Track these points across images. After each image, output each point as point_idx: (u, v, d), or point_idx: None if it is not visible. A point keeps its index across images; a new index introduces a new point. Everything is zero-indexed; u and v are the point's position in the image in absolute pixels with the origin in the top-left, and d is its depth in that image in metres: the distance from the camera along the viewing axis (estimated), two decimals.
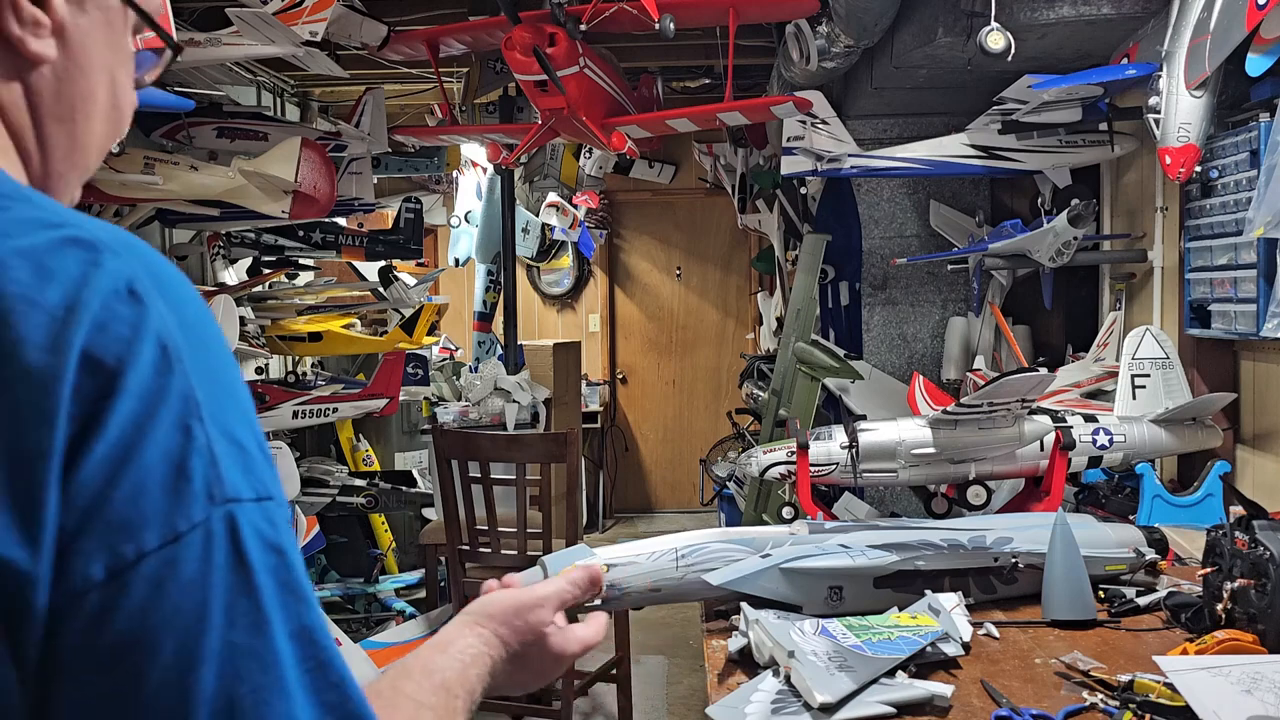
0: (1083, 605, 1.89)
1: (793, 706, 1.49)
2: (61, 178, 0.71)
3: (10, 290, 0.53)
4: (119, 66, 0.75)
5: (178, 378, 0.56)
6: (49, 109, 0.69)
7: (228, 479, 0.57)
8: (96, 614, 0.52)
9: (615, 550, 1.83)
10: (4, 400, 0.51)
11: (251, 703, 0.54)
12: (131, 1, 0.74)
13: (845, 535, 1.95)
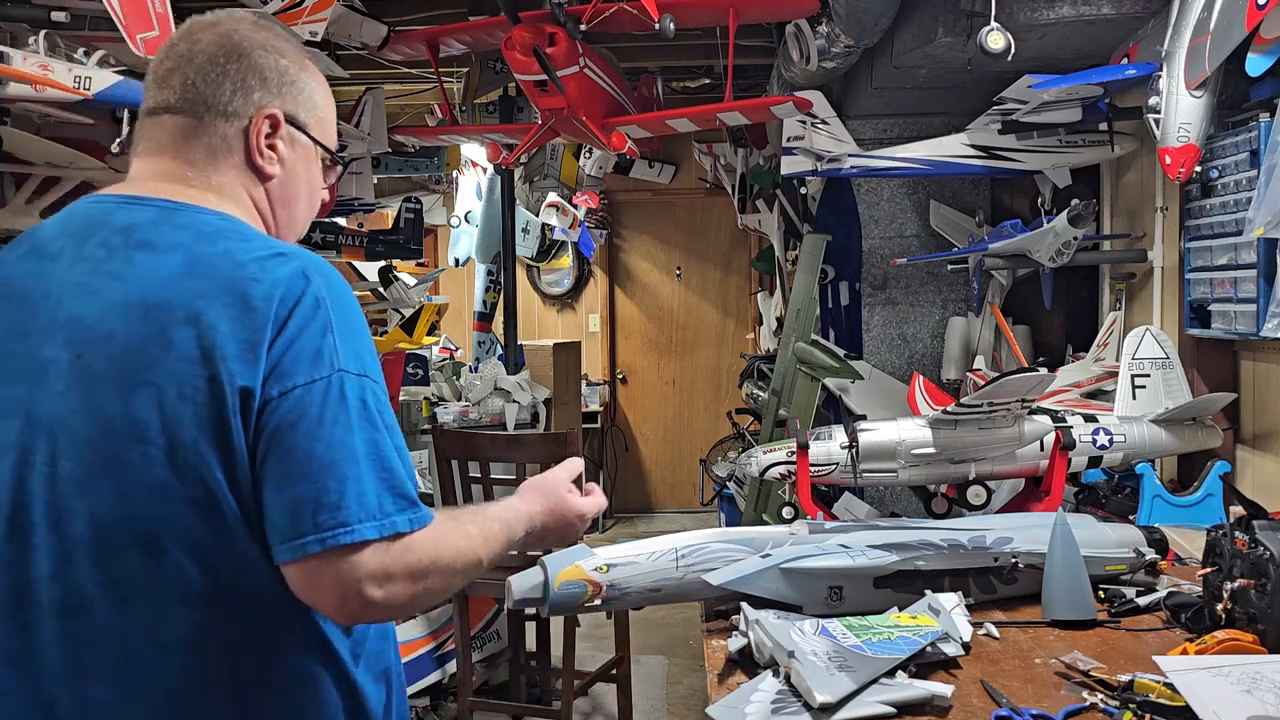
0: (1083, 605, 1.89)
1: (793, 706, 1.49)
2: (283, 236, 1.35)
3: (250, 271, 1.14)
4: (313, 176, 1.38)
5: (322, 312, 1.15)
6: (276, 200, 1.33)
7: (342, 360, 1.14)
8: (275, 409, 1.10)
9: (615, 550, 1.83)
10: (248, 320, 1.11)
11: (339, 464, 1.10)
12: (319, 143, 1.38)
13: (845, 535, 1.95)
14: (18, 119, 3.02)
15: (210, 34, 1.27)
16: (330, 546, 1.06)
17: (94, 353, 1.11)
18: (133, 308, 1.11)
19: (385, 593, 1.09)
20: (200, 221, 1.19)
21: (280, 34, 1.34)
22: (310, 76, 1.36)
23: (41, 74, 2.42)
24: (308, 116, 1.34)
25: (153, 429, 1.08)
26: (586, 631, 4.66)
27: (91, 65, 2.47)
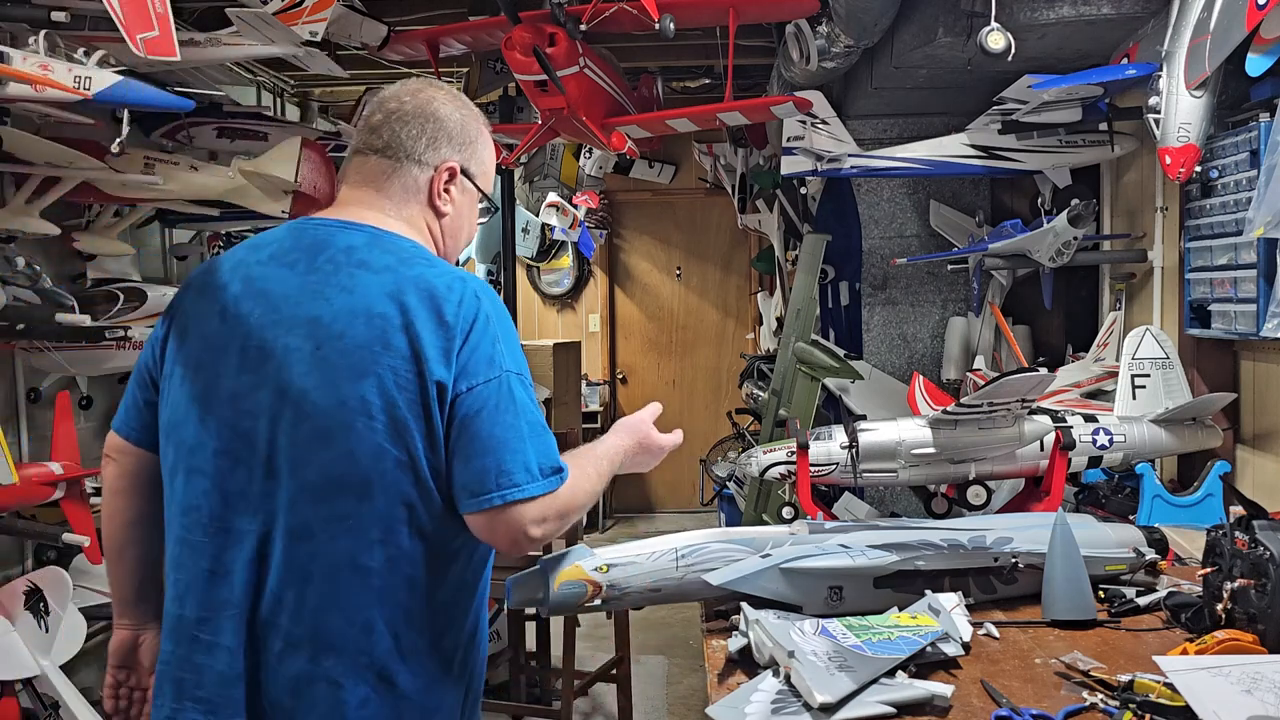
0: (1083, 605, 1.89)
1: (793, 706, 1.49)
2: (447, 258, 1.69)
3: (441, 293, 1.50)
4: (473, 215, 1.76)
5: (492, 326, 1.51)
6: (447, 232, 1.70)
7: (507, 363, 1.51)
8: (464, 400, 1.47)
9: (615, 550, 1.83)
10: (441, 331, 1.48)
11: (511, 442, 1.47)
12: (481, 191, 1.75)
13: (845, 535, 1.95)
14: (18, 119, 3.02)
15: (416, 99, 1.68)
16: (509, 501, 1.47)
17: (330, 347, 1.49)
18: (358, 315, 1.49)
19: (543, 530, 1.50)
20: (400, 247, 1.58)
21: (466, 105, 1.76)
22: (484, 140, 1.75)
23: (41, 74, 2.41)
24: (476, 170, 1.73)
25: (375, 407, 1.46)
26: (586, 631, 4.66)
27: (91, 65, 2.47)
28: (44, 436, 3.49)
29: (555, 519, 1.51)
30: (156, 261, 4.47)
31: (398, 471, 1.47)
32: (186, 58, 2.92)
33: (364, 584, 1.48)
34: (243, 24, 2.97)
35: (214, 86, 3.73)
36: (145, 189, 3.28)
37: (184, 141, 3.70)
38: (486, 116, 1.84)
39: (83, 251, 3.63)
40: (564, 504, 1.52)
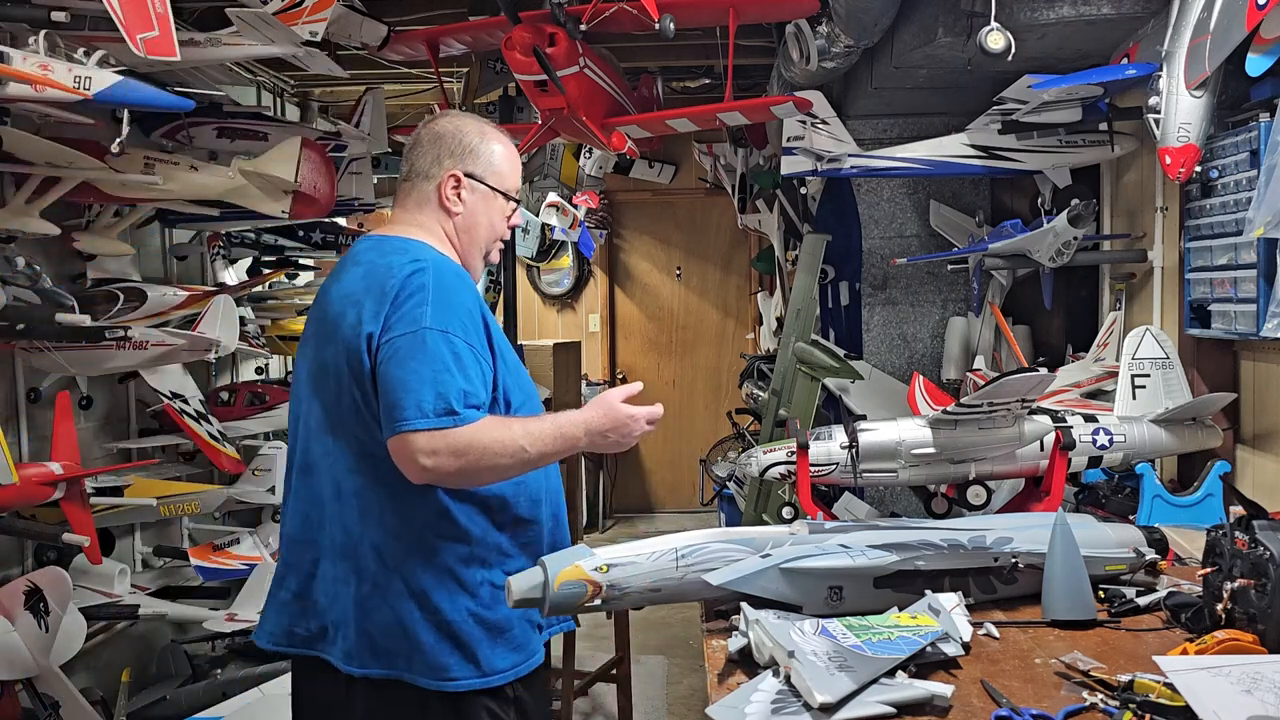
0: (1083, 605, 1.89)
1: (793, 706, 1.49)
2: (469, 257, 2.08)
3: (393, 272, 1.88)
4: (492, 210, 2.09)
5: (426, 293, 1.84)
6: (460, 229, 2.06)
7: (429, 321, 1.81)
8: (382, 349, 1.82)
9: (615, 550, 1.83)
10: (378, 299, 1.85)
11: (409, 383, 1.77)
12: (493, 188, 2.08)
13: (845, 535, 1.95)
14: (18, 119, 3.02)
15: (426, 129, 2.09)
16: (398, 431, 1.76)
17: (326, 323, 1.93)
18: (341, 297, 1.92)
19: (434, 461, 1.75)
20: (391, 246, 1.97)
21: (466, 120, 2.10)
22: (486, 145, 2.07)
23: (41, 74, 2.41)
24: (482, 170, 2.07)
25: (341, 363, 1.87)
26: (586, 631, 4.66)
27: (91, 65, 2.47)
28: (44, 436, 3.49)
29: (447, 453, 1.75)
30: (156, 261, 4.47)
31: (353, 414, 1.87)
32: (186, 58, 2.92)
33: (349, 506, 1.90)
34: (243, 24, 2.97)
35: (214, 86, 3.73)
36: (145, 189, 3.28)
37: (184, 141, 3.70)
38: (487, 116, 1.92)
39: (83, 251, 3.64)
40: (459, 441, 1.75)
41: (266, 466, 3.99)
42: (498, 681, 1.88)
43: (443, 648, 1.85)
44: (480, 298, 1.97)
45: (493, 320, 1.98)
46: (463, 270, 2.00)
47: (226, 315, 3.74)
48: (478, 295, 1.96)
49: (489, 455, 1.78)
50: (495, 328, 1.97)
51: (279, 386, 4.62)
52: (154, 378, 3.81)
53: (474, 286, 1.98)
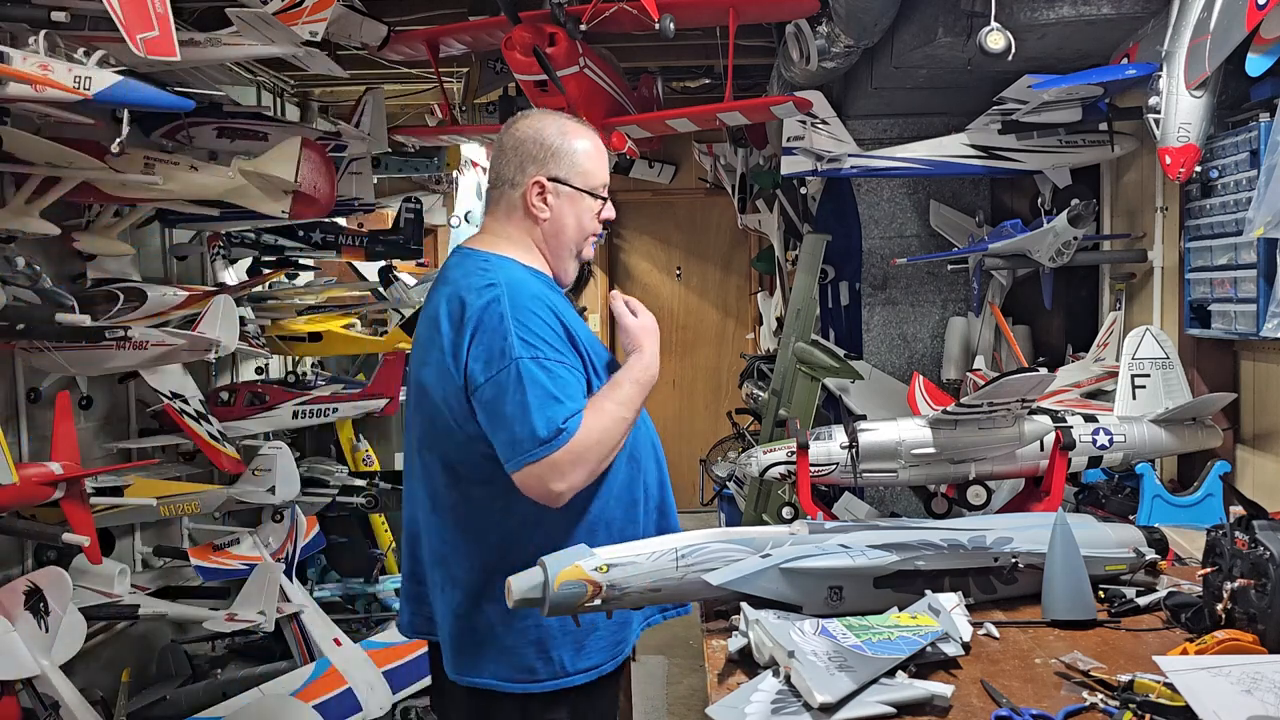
0: (1083, 605, 1.89)
1: (793, 706, 1.49)
2: (559, 260, 2.17)
3: (467, 298, 1.94)
4: (581, 213, 2.12)
5: (505, 321, 1.89)
6: (548, 234, 2.12)
7: (518, 351, 1.87)
8: (482, 390, 1.89)
9: (615, 550, 1.83)
10: (456, 330, 1.93)
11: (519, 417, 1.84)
12: (579, 188, 2.10)
13: (845, 535, 1.95)
14: (18, 119, 3.02)
15: (507, 133, 2.10)
16: (524, 464, 1.84)
17: (418, 344, 2.06)
18: (428, 318, 2.02)
19: (567, 482, 1.86)
20: (472, 263, 2.03)
21: (547, 121, 2.10)
22: (570, 144, 2.07)
23: (41, 74, 2.41)
24: (567, 172, 2.07)
25: (432, 385, 1.97)
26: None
27: (91, 65, 2.47)
28: (44, 436, 3.49)
29: (570, 466, 1.85)
30: (156, 261, 4.47)
31: (446, 433, 1.96)
32: (186, 58, 2.92)
33: (443, 518, 2.01)
34: (243, 24, 2.97)
35: (214, 86, 3.73)
36: (145, 189, 3.28)
37: (184, 141, 3.70)
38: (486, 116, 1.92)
39: (82, 251, 3.64)
40: (576, 450, 1.85)
41: (266, 466, 3.99)
42: (580, 680, 1.98)
43: (529, 651, 1.95)
44: (560, 303, 2.05)
45: (574, 321, 2.04)
46: (540, 283, 2.04)
47: (226, 315, 3.74)
48: (556, 303, 2.01)
49: (604, 444, 1.91)
50: (578, 327, 2.03)
51: (279, 387, 4.62)
52: (154, 378, 3.81)
53: (551, 296, 2.03)
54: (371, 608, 5.13)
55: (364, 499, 4.81)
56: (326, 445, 5.50)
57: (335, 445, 5.47)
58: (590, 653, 1.99)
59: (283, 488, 3.98)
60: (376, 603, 5.15)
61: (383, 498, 4.85)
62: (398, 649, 4.03)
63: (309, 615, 3.94)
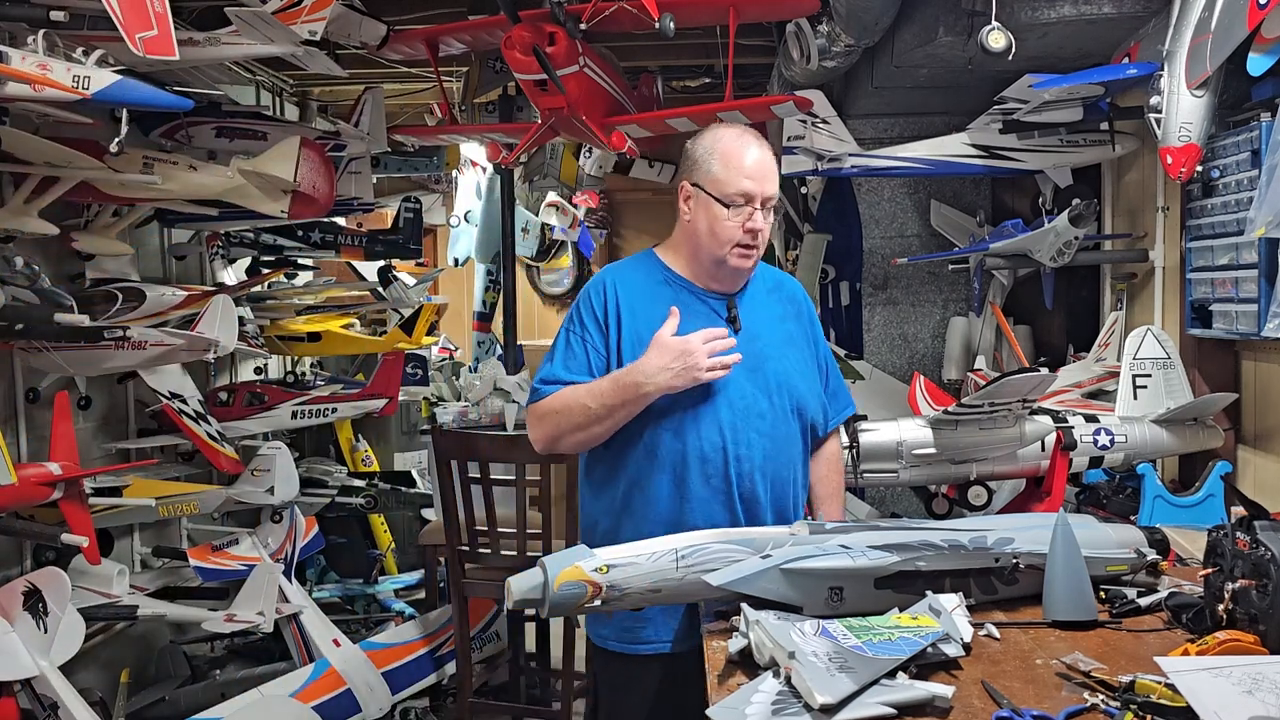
0: (1084, 606, 1.89)
1: (793, 707, 1.48)
2: (697, 265, 2.25)
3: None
4: (711, 214, 2.17)
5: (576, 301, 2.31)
6: (688, 233, 2.25)
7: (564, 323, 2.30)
8: None
9: (615, 551, 1.83)
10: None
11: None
12: (710, 194, 2.17)
13: (845, 536, 1.94)
14: (16, 118, 3.01)
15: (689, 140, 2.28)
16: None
17: None
18: None
19: (532, 434, 2.21)
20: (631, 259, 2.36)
21: (715, 131, 2.23)
22: (710, 152, 2.18)
23: (40, 73, 2.41)
24: (702, 179, 2.18)
25: None
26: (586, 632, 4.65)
27: (90, 65, 2.47)
28: (43, 437, 3.48)
29: (533, 421, 2.20)
30: (155, 261, 4.47)
31: None
32: (185, 57, 2.92)
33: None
34: (242, 23, 2.96)
35: (213, 86, 3.73)
36: (144, 188, 3.27)
37: (183, 141, 3.70)
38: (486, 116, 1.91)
39: (81, 251, 3.63)
40: (537, 410, 2.18)
41: (265, 467, 3.99)
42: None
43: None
44: (635, 292, 2.21)
45: (638, 309, 2.20)
46: (637, 271, 2.27)
47: (225, 315, 3.74)
48: (625, 290, 2.22)
49: (560, 416, 2.13)
50: (635, 316, 2.20)
51: (278, 387, 4.61)
52: (153, 378, 3.80)
53: (624, 282, 2.23)
54: (371, 608, 5.13)
55: (363, 499, 4.81)
56: (325, 445, 5.50)
57: (334, 445, 5.46)
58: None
59: (282, 488, 3.98)
60: (376, 603, 5.15)
61: (382, 498, 4.84)
62: (397, 649, 4.03)
63: (308, 616, 3.93)
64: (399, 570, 5.46)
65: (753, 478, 2.18)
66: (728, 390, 2.16)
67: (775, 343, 2.27)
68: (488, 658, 4.17)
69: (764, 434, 2.19)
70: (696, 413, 2.15)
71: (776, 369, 2.23)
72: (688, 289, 2.24)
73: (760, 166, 2.17)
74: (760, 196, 2.16)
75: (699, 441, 2.15)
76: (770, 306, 2.32)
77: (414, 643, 4.06)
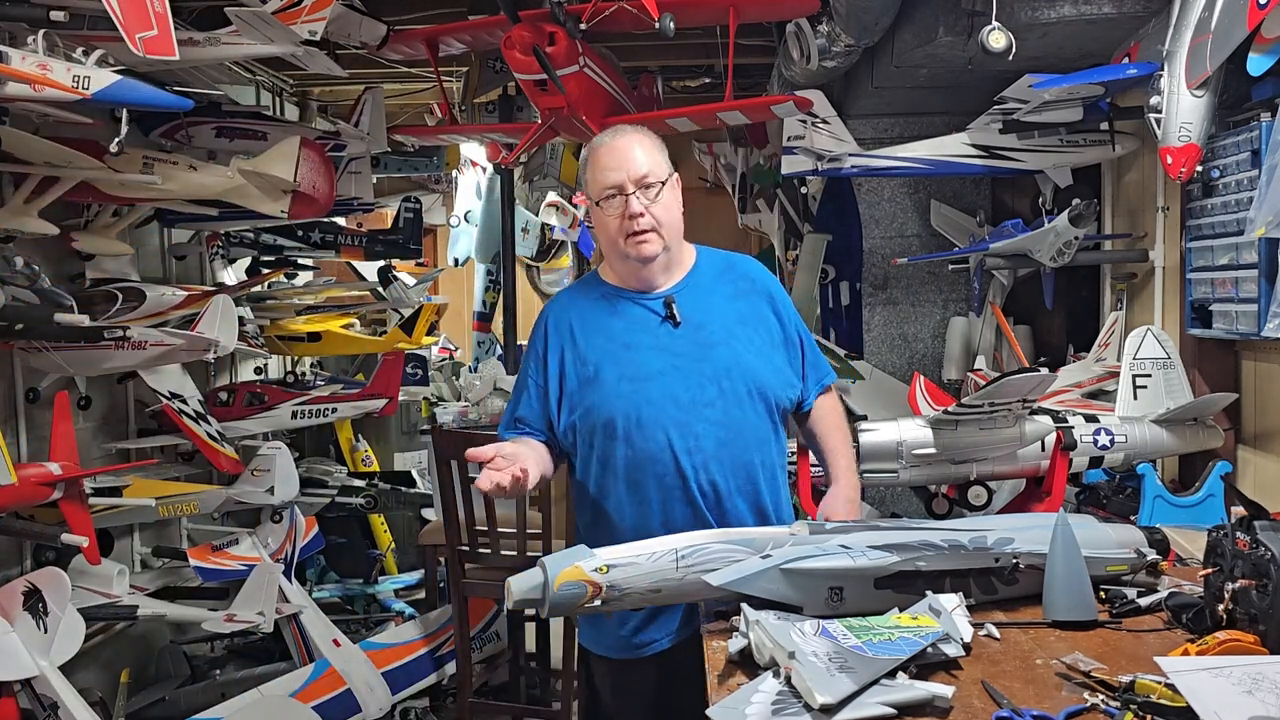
0: (1084, 606, 1.89)
1: (793, 707, 1.48)
2: (616, 268, 2.25)
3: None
4: (600, 220, 2.19)
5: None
6: (602, 248, 2.27)
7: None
8: None
9: (615, 551, 1.83)
10: None
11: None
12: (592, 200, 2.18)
13: (846, 536, 1.94)
14: (16, 118, 3.01)
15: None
16: None
17: None
18: None
19: None
20: None
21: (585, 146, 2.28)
22: (583, 166, 2.23)
23: (40, 73, 2.41)
24: (588, 192, 2.22)
25: None
26: None
27: (90, 65, 2.47)
28: (42, 437, 3.48)
29: None
30: (155, 261, 4.47)
31: None
32: (185, 57, 2.91)
33: None
34: (242, 23, 2.96)
35: (213, 86, 3.73)
36: (144, 188, 3.27)
37: (183, 141, 3.70)
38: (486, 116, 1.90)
39: (81, 251, 3.63)
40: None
41: (265, 467, 3.99)
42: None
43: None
44: (563, 315, 2.24)
45: (572, 328, 2.22)
46: (568, 292, 2.36)
47: (225, 315, 3.74)
48: (550, 322, 2.25)
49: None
50: (574, 333, 2.21)
51: (278, 387, 4.61)
52: (153, 378, 3.80)
53: (550, 316, 2.27)
54: (370, 608, 5.13)
55: (363, 499, 4.81)
56: (325, 445, 5.50)
57: (334, 445, 5.46)
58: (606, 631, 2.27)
59: (281, 488, 3.98)
60: (375, 603, 5.15)
61: (381, 498, 4.84)
62: (397, 650, 4.02)
63: (308, 616, 3.93)
64: (399, 570, 5.46)
65: (708, 468, 2.15)
66: (672, 387, 2.14)
67: (723, 326, 2.21)
68: (488, 658, 4.17)
69: (715, 422, 2.15)
70: (640, 417, 2.14)
71: (724, 354, 2.18)
72: (622, 295, 2.23)
73: (615, 154, 2.14)
74: (626, 182, 2.12)
75: (646, 443, 2.14)
76: (717, 289, 2.26)
77: (414, 643, 4.06)
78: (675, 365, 2.15)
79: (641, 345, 2.17)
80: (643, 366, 2.16)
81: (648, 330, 2.18)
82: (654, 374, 2.15)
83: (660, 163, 2.17)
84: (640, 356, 2.17)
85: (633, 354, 2.17)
